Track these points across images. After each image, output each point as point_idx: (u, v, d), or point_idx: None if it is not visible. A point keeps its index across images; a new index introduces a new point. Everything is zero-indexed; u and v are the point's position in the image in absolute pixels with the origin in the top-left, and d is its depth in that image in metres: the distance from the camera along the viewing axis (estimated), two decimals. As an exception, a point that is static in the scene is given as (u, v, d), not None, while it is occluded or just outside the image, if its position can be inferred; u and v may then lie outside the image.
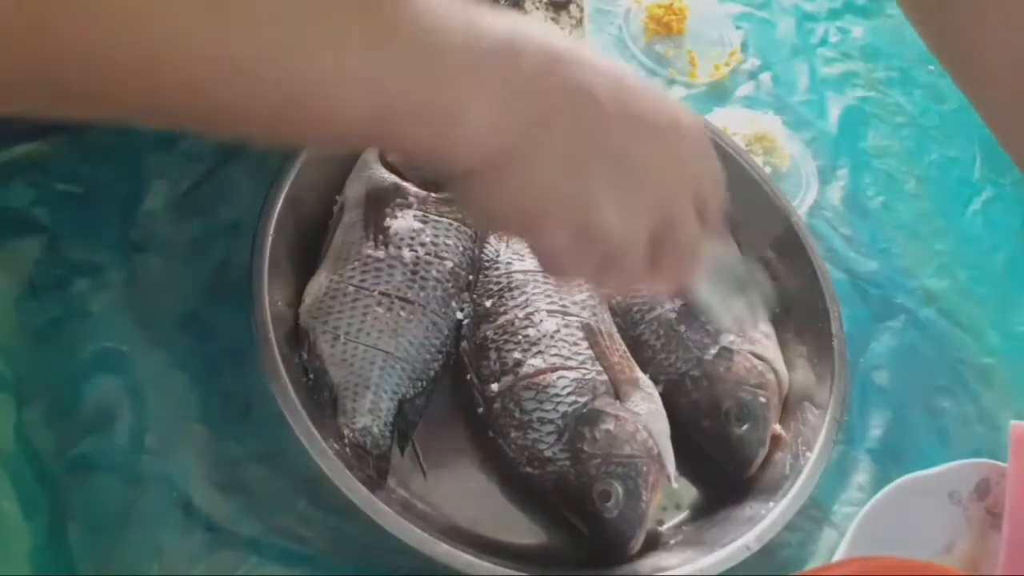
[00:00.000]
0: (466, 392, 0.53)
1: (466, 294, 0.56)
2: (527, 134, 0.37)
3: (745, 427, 0.53)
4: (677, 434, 0.52)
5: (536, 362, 0.52)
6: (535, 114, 0.37)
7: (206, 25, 0.31)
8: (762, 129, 0.72)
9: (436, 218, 0.56)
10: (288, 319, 0.51)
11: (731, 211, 0.63)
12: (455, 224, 0.56)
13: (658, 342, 0.56)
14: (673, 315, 0.57)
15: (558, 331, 0.53)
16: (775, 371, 0.56)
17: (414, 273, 0.53)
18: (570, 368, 0.52)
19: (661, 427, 0.51)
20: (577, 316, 0.54)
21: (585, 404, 0.50)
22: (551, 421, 0.50)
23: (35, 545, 0.44)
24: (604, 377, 0.52)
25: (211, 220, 0.56)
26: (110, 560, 0.44)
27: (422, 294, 0.53)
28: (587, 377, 0.51)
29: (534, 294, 0.55)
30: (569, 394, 0.50)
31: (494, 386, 0.52)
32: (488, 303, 0.55)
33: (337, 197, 0.57)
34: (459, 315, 0.55)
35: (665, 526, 0.52)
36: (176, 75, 0.31)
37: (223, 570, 0.45)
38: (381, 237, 0.54)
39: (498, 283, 0.56)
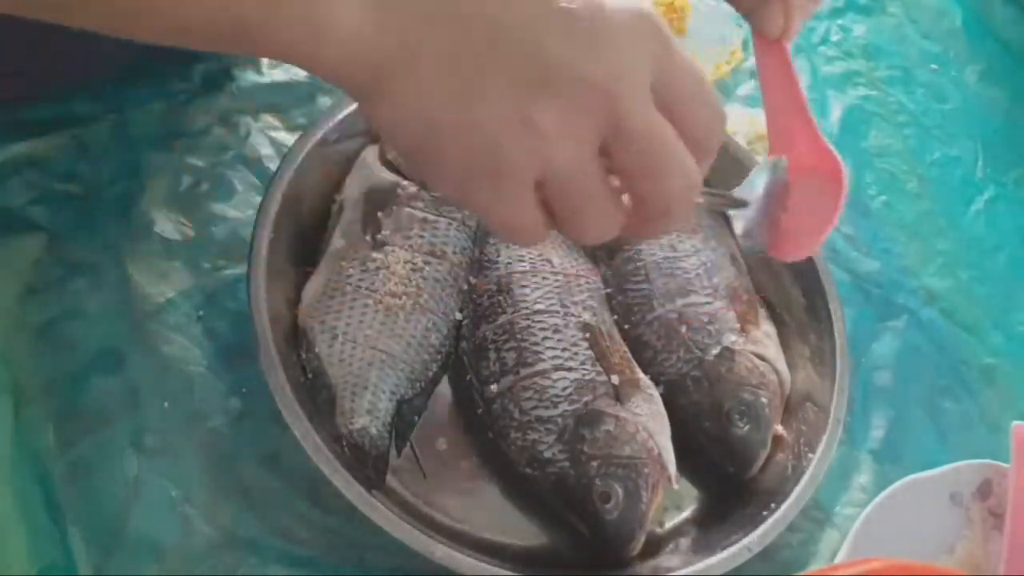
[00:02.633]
0: (465, 393, 0.53)
1: (465, 294, 0.55)
2: (405, 36, 0.32)
3: (747, 428, 0.53)
4: (678, 435, 0.51)
5: (536, 362, 0.51)
6: (417, 12, 0.32)
7: None
8: (764, 128, 0.72)
9: (435, 218, 0.56)
10: (287, 319, 0.51)
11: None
12: (454, 224, 0.56)
13: (659, 342, 0.56)
14: (674, 315, 0.56)
15: (558, 331, 0.53)
16: (777, 371, 0.56)
17: (413, 273, 0.53)
18: (570, 368, 0.51)
19: (662, 428, 0.51)
20: (577, 316, 0.54)
21: (585, 405, 0.50)
22: (551, 421, 0.50)
23: (35, 545, 0.44)
24: (604, 377, 0.51)
25: (210, 219, 0.56)
26: (110, 560, 0.44)
27: (421, 294, 0.53)
28: (587, 377, 0.51)
29: (534, 294, 0.54)
30: (569, 395, 0.50)
31: (493, 387, 0.51)
32: (487, 303, 0.55)
33: (336, 196, 0.57)
34: (458, 315, 0.55)
35: (666, 527, 0.52)
36: None
37: (223, 570, 0.45)
38: (380, 237, 0.53)
39: (498, 283, 0.55)
